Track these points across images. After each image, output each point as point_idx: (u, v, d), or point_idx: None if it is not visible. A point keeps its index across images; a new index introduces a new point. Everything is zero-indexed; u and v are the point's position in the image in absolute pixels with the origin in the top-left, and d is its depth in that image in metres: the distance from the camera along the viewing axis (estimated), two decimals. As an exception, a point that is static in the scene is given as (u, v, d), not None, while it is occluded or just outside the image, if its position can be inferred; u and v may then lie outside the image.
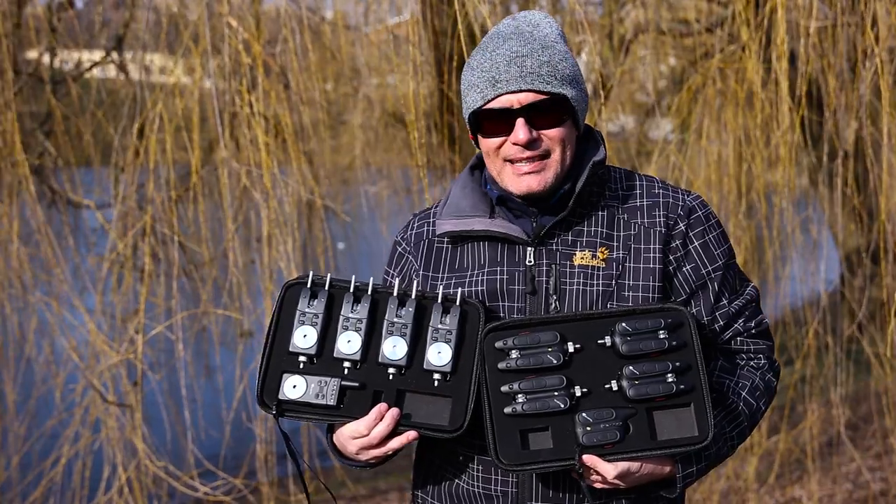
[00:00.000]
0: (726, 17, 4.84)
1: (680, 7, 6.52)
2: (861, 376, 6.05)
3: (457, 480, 1.81)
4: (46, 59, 5.42)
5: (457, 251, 1.84)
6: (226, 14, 3.98)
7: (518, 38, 1.74)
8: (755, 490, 5.09)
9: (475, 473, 1.78)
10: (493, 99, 1.71)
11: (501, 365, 1.68)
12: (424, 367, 1.72)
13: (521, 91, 1.69)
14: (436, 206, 1.93)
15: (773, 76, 4.03)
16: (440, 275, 1.83)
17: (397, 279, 1.87)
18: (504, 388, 1.67)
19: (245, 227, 4.80)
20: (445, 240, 1.86)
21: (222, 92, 4.33)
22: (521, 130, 1.69)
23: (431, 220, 1.91)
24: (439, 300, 1.75)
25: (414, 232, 1.92)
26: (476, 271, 1.80)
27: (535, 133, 1.70)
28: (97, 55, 5.71)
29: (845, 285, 6.62)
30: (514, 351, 1.68)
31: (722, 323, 1.81)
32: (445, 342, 1.72)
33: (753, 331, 1.84)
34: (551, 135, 1.72)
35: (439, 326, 1.72)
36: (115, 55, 5.50)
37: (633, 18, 6.08)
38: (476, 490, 1.78)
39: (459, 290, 1.76)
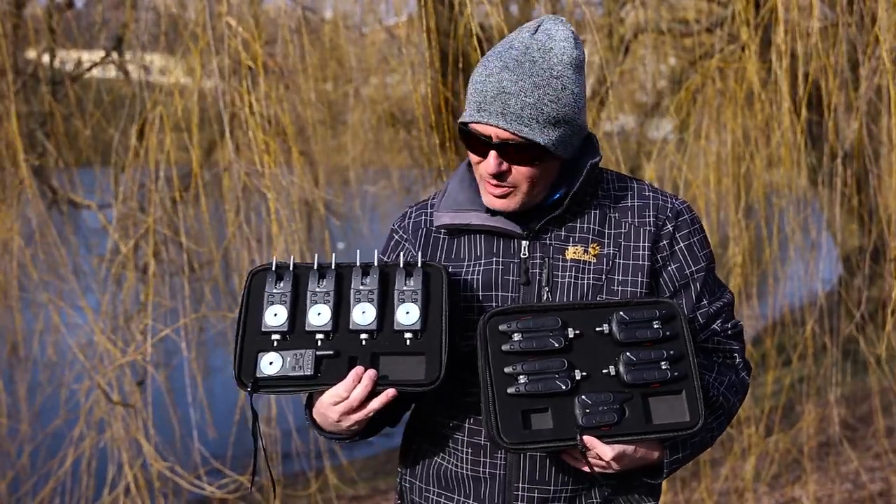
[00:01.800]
0: (726, 17, 4.84)
1: (680, 7, 6.52)
2: (860, 376, 6.06)
3: (444, 462, 1.85)
4: (46, 59, 5.42)
5: (454, 242, 1.90)
6: (225, 14, 3.98)
7: (516, 69, 1.73)
8: (754, 490, 5.09)
9: (463, 455, 1.82)
10: (476, 122, 1.76)
11: (505, 347, 1.73)
12: (395, 328, 1.75)
13: (499, 127, 1.73)
14: (432, 198, 1.98)
15: (773, 76, 4.04)
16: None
17: (358, 252, 1.91)
18: (507, 370, 1.71)
19: (246, 228, 4.80)
20: (443, 231, 1.91)
21: (223, 92, 4.33)
22: (491, 162, 1.75)
23: (429, 210, 1.96)
24: (401, 265, 1.80)
25: (412, 221, 1.97)
26: (472, 262, 1.85)
27: (504, 166, 1.76)
28: (97, 55, 5.71)
29: (844, 285, 6.62)
30: (516, 334, 1.73)
31: (701, 322, 1.87)
32: (412, 302, 1.75)
33: (730, 331, 1.91)
34: (522, 171, 1.76)
35: (405, 288, 1.77)
36: (114, 55, 5.50)
37: (632, 18, 6.09)
38: (464, 472, 1.82)
39: (420, 253, 1.85)
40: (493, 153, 1.75)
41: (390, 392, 1.71)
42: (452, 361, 1.74)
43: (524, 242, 1.83)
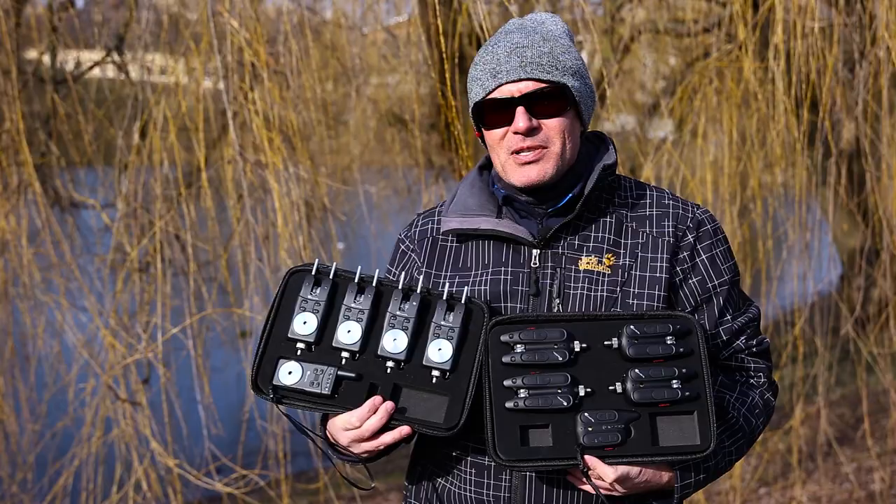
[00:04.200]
0: (724, 17, 4.86)
1: (678, 7, 6.54)
2: (860, 376, 6.08)
3: (448, 485, 1.78)
4: (47, 58, 5.44)
5: (461, 250, 1.82)
6: (226, 13, 4.00)
7: (520, 31, 1.74)
8: (754, 490, 5.11)
9: (467, 477, 1.75)
10: (494, 90, 1.71)
11: (506, 359, 1.66)
12: (424, 363, 1.69)
13: (520, 80, 1.69)
14: (441, 205, 1.91)
15: (771, 76, 4.05)
16: (444, 273, 1.82)
17: (403, 273, 1.86)
18: (507, 382, 1.64)
19: (247, 227, 4.82)
20: (450, 238, 1.84)
21: (225, 90, 4.35)
22: (520, 118, 1.68)
23: (436, 218, 1.89)
24: (444, 297, 1.72)
25: (418, 230, 1.90)
26: (480, 271, 1.78)
27: (535, 122, 1.69)
28: (98, 55, 5.73)
29: (844, 285, 6.64)
30: (519, 345, 1.66)
31: (725, 338, 1.80)
32: (447, 339, 1.68)
33: (755, 349, 1.82)
34: (551, 125, 1.71)
35: (442, 323, 1.69)
36: (115, 55, 5.52)
37: (631, 18, 6.11)
38: (468, 495, 1.75)
39: (465, 288, 1.74)
40: (519, 110, 1.69)
41: (404, 430, 1.65)
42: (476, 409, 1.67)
43: (535, 251, 1.75)
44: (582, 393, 1.64)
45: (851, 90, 4.50)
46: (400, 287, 1.73)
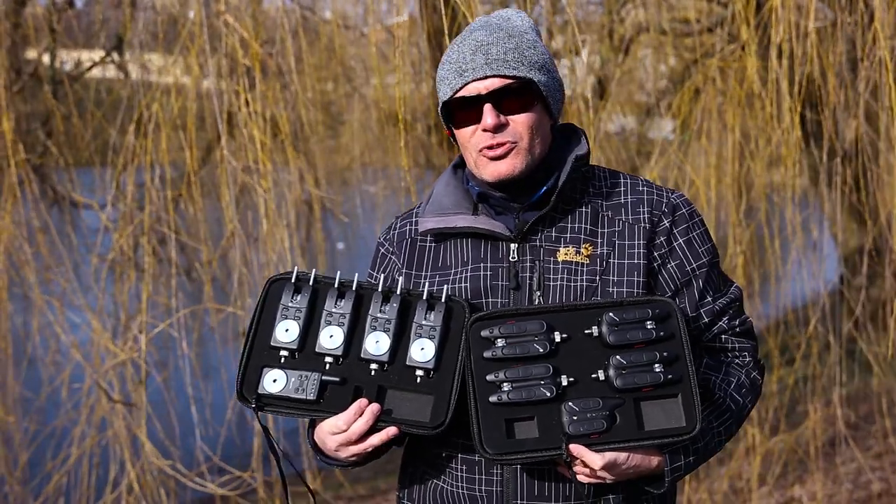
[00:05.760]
0: (726, 17, 4.85)
1: (680, 7, 6.51)
2: (862, 376, 6.05)
3: (440, 483, 1.79)
4: (46, 59, 5.43)
5: (440, 249, 1.83)
6: (223, 13, 3.98)
7: (485, 29, 1.75)
8: (756, 490, 5.08)
9: (458, 474, 1.76)
10: (461, 88, 1.72)
11: (487, 354, 1.67)
12: (407, 363, 1.70)
13: (486, 77, 1.70)
14: (418, 206, 1.93)
15: (773, 75, 4.03)
16: (423, 273, 1.83)
17: (382, 276, 1.86)
18: (489, 377, 1.65)
19: (244, 227, 4.80)
20: (428, 238, 1.85)
21: (220, 92, 4.32)
22: (488, 116, 1.70)
23: (414, 219, 1.90)
24: (424, 297, 1.73)
25: (396, 232, 1.91)
26: (460, 269, 1.79)
27: (502, 118, 1.71)
28: (97, 55, 5.72)
29: (845, 285, 6.62)
30: (500, 340, 1.67)
31: (707, 320, 1.80)
32: (429, 339, 1.70)
33: (738, 329, 1.83)
34: (520, 120, 1.72)
35: (423, 323, 1.71)
36: (114, 55, 5.51)
37: (633, 18, 6.09)
38: (460, 491, 1.76)
39: (445, 287, 1.75)
40: (487, 107, 1.70)
41: (391, 430, 1.66)
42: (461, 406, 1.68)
43: (513, 245, 1.76)
44: (565, 383, 1.65)
45: (854, 92, 4.47)
46: (380, 289, 1.74)
